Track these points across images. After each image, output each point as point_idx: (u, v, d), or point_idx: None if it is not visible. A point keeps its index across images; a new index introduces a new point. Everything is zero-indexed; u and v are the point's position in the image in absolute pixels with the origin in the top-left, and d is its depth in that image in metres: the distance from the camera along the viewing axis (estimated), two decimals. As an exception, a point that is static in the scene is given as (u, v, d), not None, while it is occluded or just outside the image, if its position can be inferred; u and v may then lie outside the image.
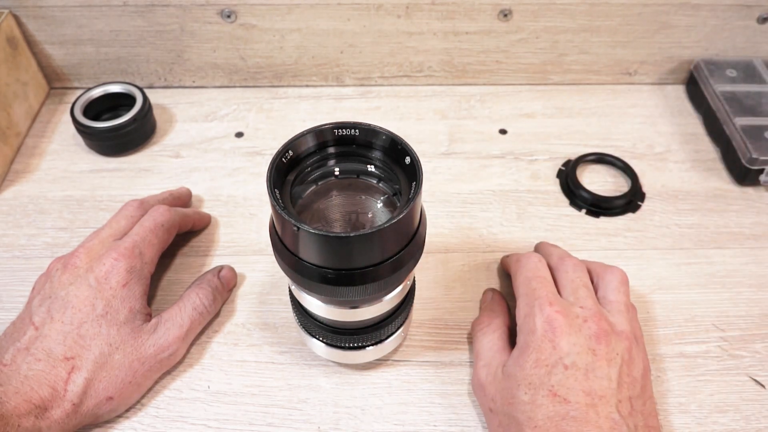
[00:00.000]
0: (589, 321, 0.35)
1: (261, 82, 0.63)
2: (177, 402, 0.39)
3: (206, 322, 0.42)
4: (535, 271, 0.39)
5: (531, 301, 0.36)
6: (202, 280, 0.43)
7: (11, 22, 0.56)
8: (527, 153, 0.56)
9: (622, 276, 0.39)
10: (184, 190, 0.50)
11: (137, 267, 0.39)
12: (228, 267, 0.45)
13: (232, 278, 0.45)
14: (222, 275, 0.44)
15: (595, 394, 0.32)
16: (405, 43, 0.59)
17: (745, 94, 0.56)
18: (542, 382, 0.33)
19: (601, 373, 0.33)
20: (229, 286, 0.44)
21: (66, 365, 0.35)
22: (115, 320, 0.37)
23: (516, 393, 0.34)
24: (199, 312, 0.41)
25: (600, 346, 0.34)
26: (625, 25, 0.59)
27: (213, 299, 0.42)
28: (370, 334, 0.37)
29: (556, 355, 0.34)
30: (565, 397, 0.32)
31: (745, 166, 0.51)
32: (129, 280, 0.38)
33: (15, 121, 0.55)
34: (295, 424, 0.38)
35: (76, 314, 0.37)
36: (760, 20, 0.59)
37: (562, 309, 0.35)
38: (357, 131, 0.32)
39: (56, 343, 0.36)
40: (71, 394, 0.35)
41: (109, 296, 0.38)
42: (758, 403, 0.39)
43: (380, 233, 0.28)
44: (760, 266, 0.47)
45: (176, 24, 0.57)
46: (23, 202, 0.51)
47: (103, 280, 0.38)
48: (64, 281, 0.38)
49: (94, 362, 0.36)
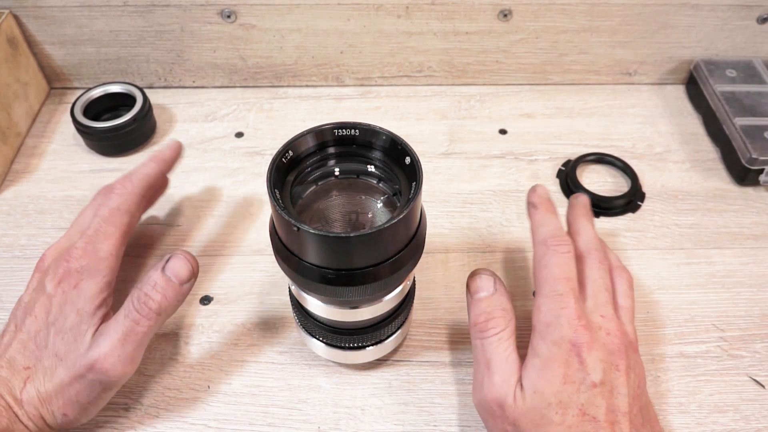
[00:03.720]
0: (611, 335, 0.34)
1: (261, 82, 0.63)
2: (177, 402, 0.39)
3: (151, 330, 0.35)
4: (563, 270, 0.36)
5: (556, 310, 0.34)
6: (142, 280, 0.35)
7: (11, 22, 0.56)
8: (527, 153, 0.56)
9: (630, 280, 0.39)
10: (166, 151, 0.44)
11: (90, 265, 0.36)
12: (177, 255, 0.36)
13: (182, 267, 0.35)
14: (168, 267, 0.35)
15: (618, 411, 0.32)
16: (405, 43, 0.59)
17: (745, 94, 0.56)
18: (571, 401, 0.32)
19: (623, 390, 0.33)
20: (179, 279, 0.35)
21: (24, 374, 0.34)
22: (62, 328, 0.35)
23: (546, 413, 0.32)
24: (132, 320, 0.34)
25: (621, 361, 0.33)
26: (625, 25, 0.59)
27: (152, 302, 0.34)
28: (370, 334, 0.37)
29: (583, 372, 0.32)
30: (594, 416, 0.31)
31: (745, 166, 0.51)
32: (79, 281, 0.36)
33: (15, 121, 0.55)
34: (295, 424, 0.38)
35: (34, 323, 0.35)
36: (760, 20, 0.59)
37: (587, 322, 0.34)
38: (357, 131, 0.32)
39: (17, 352, 0.34)
40: (27, 405, 0.34)
41: (61, 301, 0.35)
42: (758, 403, 0.39)
43: (380, 233, 0.28)
44: (760, 266, 0.47)
45: (176, 24, 0.57)
46: (23, 202, 0.51)
47: (57, 283, 0.36)
48: (30, 286, 0.38)
49: (44, 374, 0.34)
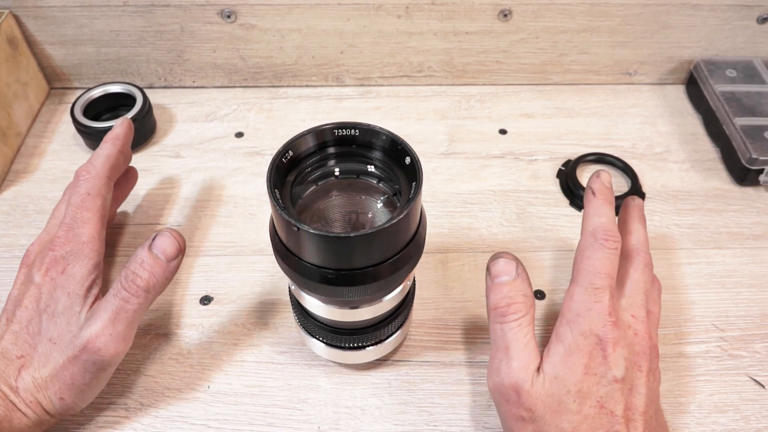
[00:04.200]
0: (639, 335, 0.35)
1: (261, 82, 0.63)
2: (177, 402, 0.39)
3: (141, 308, 0.35)
4: (605, 264, 0.35)
5: (590, 303, 0.34)
6: (130, 260, 0.36)
7: (11, 22, 0.56)
8: (527, 153, 0.56)
9: (660, 288, 0.40)
10: (118, 129, 0.45)
11: (75, 250, 0.38)
12: (163, 233, 0.36)
13: (170, 245, 0.36)
14: (154, 245, 0.35)
15: (636, 410, 0.33)
16: (405, 43, 0.59)
17: (744, 94, 0.56)
18: (591, 392, 0.32)
19: (643, 390, 0.33)
20: (168, 256, 0.36)
21: (17, 363, 0.35)
22: (54, 312, 0.36)
23: (564, 400, 0.32)
24: (122, 298, 0.35)
25: (644, 362, 0.34)
26: (625, 25, 0.59)
27: (140, 280, 0.35)
28: (370, 334, 0.37)
29: (605, 366, 0.33)
30: (612, 411, 0.32)
31: (745, 166, 0.51)
32: (66, 266, 0.37)
33: (15, 121, 0.55)
34: (295, 424, 0.38)
35: (24, 313, 0.36)
36: (760, 20, 0.59)
37: (617, 320, 0.34)
38: (357, 131, 0.32)
39: (10, 343, 0.36)
40: (23, 392, 0.34)
41: (50, 288, 0.37)
42: (758, 403, 0.40)
43: (380, 233, 0.28)
44: (760, 266, 0.47)
45: (176, 24, 0.57)
46: (23, 202, 0.52)
47: (44, 273, 0.37)
48: (18, 280, 0.39)
49: (39, 360, 0.35)
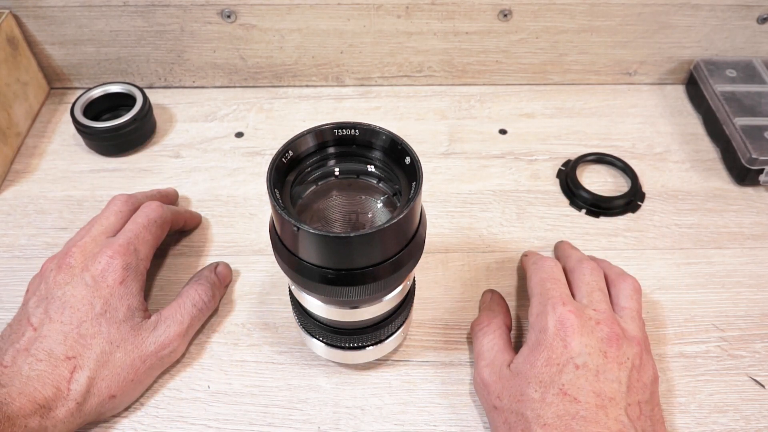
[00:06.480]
0: (602, 324, 0.35)
1: (261, 82, 0.63)
2: (177, 402, 0.39)
3: (205, 319, 0.42)
4: (550, 272, 0.39)
5: (544, 300, 0.37)
6: (199, 277, 0.43)
7: (11, 22, 0.56)
8: (527, 153, 0.56)
9: (636, 285, 0.40)
10: (171, 190, 0.50)
11: (133, 264, 0.39)
12: (224, 263, 0.45)
13: (228, 274, 0.45)
14: (218, 271, 0.44)
15: (605, 396, 0.33)
16: (405, 43, 0.59)
17: (744, 94, 0.56)
18: (553, 381, 0.33)
19: (612, 376, 0.33)
20: (225, 282, 0.45)
21: (68, 364, 0.35)
22: (114, 318, 0.37)
23: (526, 390, 0.34)
24: (199, 308, 0.41)
25: (611, 349, 0.34)
26: (625, 25, 0.59)
27: (212, 295, 0.42)
28: (370, 334, 0.37)
29: (567, 355, 0.34)
30: (575, 397, 0.32)
31: (745, 166, 0.51)
32: (125, 278, 0.38)
33: (15, 121, 0.55)
34: (295, 424, 0.38)
35: (75, 314, 0.37)
36: (760, 20, 0.59)
37: (575, 309, 0.35)
38: (357, 131, 0.32)
39: (57, 343, 0.35)
40: (74, 392, 0.35)
41: (106, 294, 0.37)
42: (758, 403, 0.40)
43: (380, 233, 0.28)
44: (760, 266, 0.47)
45: (176, 24, 0.57)
46: (23, 202, 0.51)
47: (99, 278, 0.38)
48: (59, 281, 0.38)
49: (96, 361, 0.36)
